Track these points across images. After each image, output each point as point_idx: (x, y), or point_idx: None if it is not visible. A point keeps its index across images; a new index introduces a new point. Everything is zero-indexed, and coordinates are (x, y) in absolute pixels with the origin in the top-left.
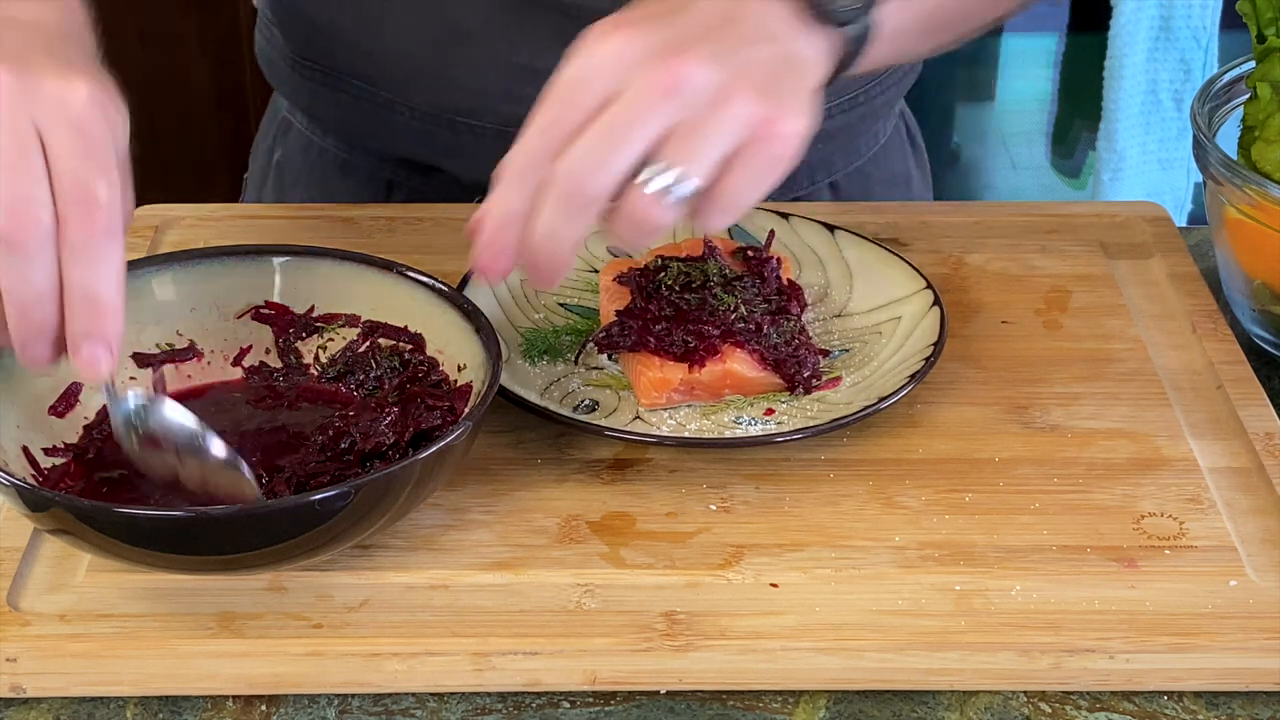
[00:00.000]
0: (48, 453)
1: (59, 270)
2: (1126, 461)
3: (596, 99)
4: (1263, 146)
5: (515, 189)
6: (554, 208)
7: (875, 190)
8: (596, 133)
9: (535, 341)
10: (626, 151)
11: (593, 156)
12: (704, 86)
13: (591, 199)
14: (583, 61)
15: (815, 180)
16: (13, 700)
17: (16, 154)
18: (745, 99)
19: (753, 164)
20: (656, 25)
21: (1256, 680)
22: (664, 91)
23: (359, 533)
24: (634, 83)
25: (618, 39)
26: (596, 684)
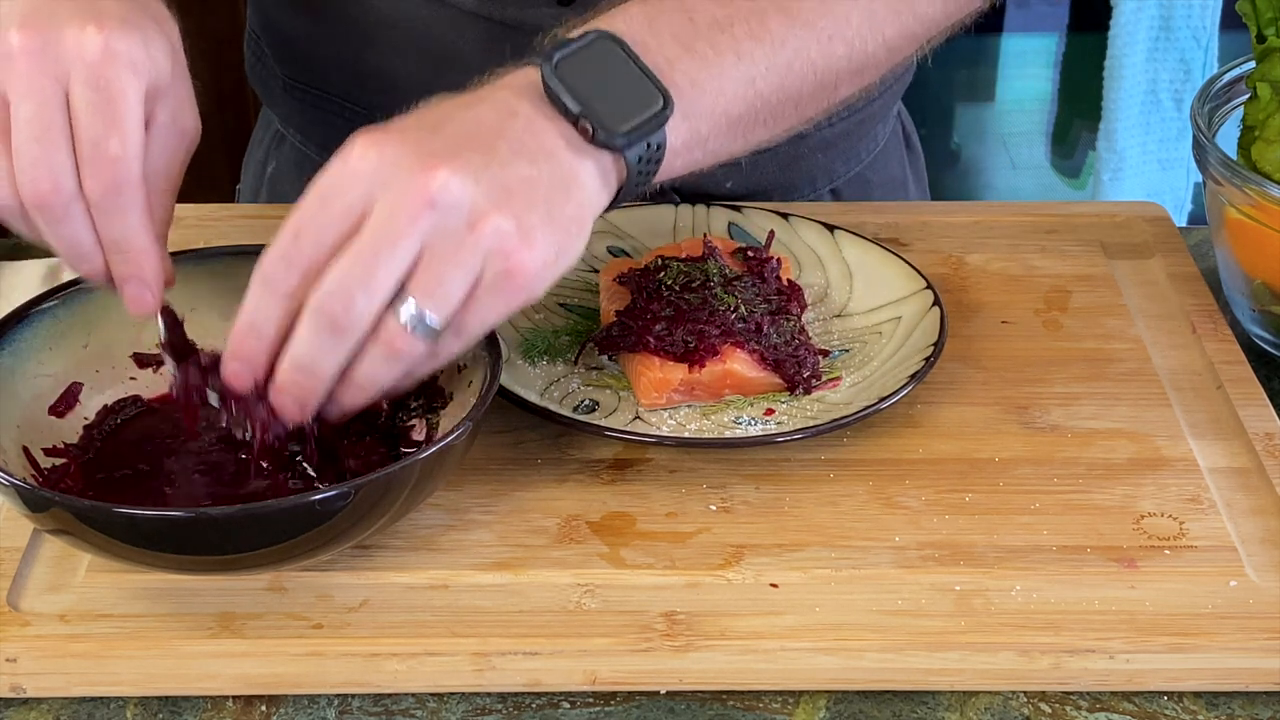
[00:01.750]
0: (48, 453)
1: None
2: (1126, 461)
3: (351, 209)
4: (1263, 146)
5: (265, 299)
6: (314, 332)
7: (875, 195)
8: (356, 254)
9: (535, 341)
10: (385, 276)
11: (352, 282)
12: (458, 203)
13: (353, 325)
14: (340, 167)
15: (817, 188)
16: (13, 700)
17: (38, 120)
18: (494, 221)
19: (491, 298)
20: (421, 134)
21: (1256, 680)
22: (418, 207)
23: (359, 533)
24: (390, 195)
25: (378, 147)
26: (596, 684)
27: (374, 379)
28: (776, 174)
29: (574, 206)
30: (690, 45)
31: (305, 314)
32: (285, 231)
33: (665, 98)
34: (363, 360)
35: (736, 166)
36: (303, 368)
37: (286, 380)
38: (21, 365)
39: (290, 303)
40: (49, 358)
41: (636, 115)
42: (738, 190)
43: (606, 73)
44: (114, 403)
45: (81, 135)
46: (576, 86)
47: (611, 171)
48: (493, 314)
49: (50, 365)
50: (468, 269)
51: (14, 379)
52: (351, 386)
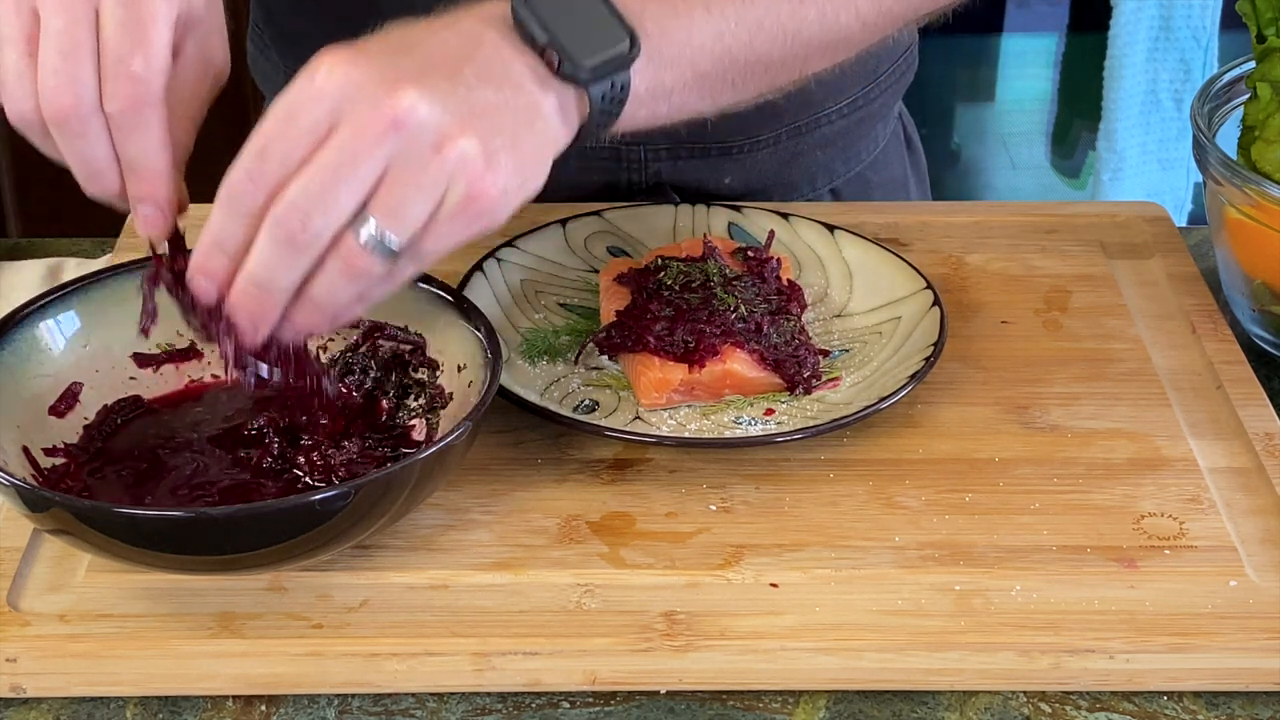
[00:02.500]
0: (48, 453)
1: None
2: (1126, 461)
3: (317, 126)
4: (1263, 146)
5: (229, 215)
6: (271, 246)
7: (875, 195)
8: (317, 170)
9: (535, 341)
10: (346, 194)
11: (312, 197)
12: (424, 124)
13: (310, 239)
14: (306, 84)
15: (817, 187)
16: (13, 700)
17: (66, 35)
18: (462, 144)
19: (452, 222)
20: (388, 56)
21: (1256, 680)
22: (383, 127)
23: (359, 533)
24: (355, 114)
25: (345, 66)
26: (596, 684)
27: (330, 298)
28: (776, 171)
29: (537, 137)
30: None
31: (264, 228)
32: (249, 148)
33: (632, 38)
34: (319, 278)
35: (736, 163)
36: (258, 281)
37: (242, 294)
38: (21, 365)
39: (253, 219)
40: (49, 358)
41: (603, 52)
42: (737, 187)
43: (576, 9)
44: (114, 403)
45: (107, 51)
46: (545, 18)
47: (574, 109)
48: (452, 238)
49: (50, 365)
50: (430, 191)
51: (14, 379)
52: (306, 304)
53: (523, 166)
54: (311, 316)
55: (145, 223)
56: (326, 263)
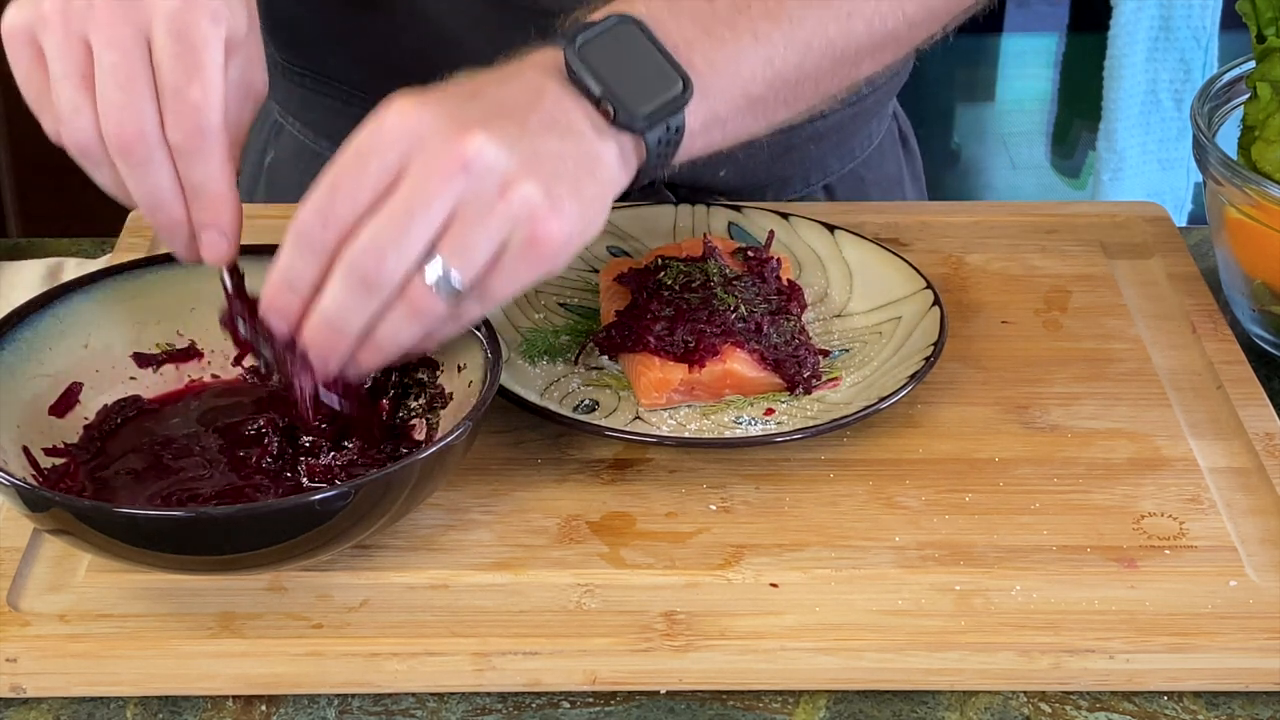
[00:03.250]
0: (48, 453)
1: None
2: (1126, 461)
3: (387, 169)
4: (1263, 146)
5: (300, 254)
6: (345, 288)
7: (871, 193)
8: (390, 213)
9: (535, 341)
10: (418, 236)
11: (386, 240)
12: (491, 167)
13: (384, 282)
14: (376, 128)
15: (810, 183)
16: (13, 700)
17: (123, 68)
18: (527, 188)
19: (516, 263)
20: (455, 102)
21: (1256, 680)
22: (453, 170)
23: (359, 533)
24: (425, 156)
25: (415, 109)
26: (596, 684)
27: (395, 338)
28: (769, 166)
29: (597, 184)
30: (708, 27)
31: (337, 270)
32: (321, 187)
33: (685, 81)
34: (386, 318)
35: (731, 158)
36: (331, 323)
37: (315, 334)
38: (21, 365)
39: (324, 258)
40: (49, 358)
41: (656, 98)
42: (732, 181)
43: (627, 56)
44: (114, 403)
45: (165, 82)
46: (599, 69)
47: (632, 153)
48: (516, 281)
49: (50, 365)
50: (496, 233)
51: (14, 379)
52: (371, 345)
53: (585, 212)
54: (376, 356)
55: (211, 248)
56: (394, 304)
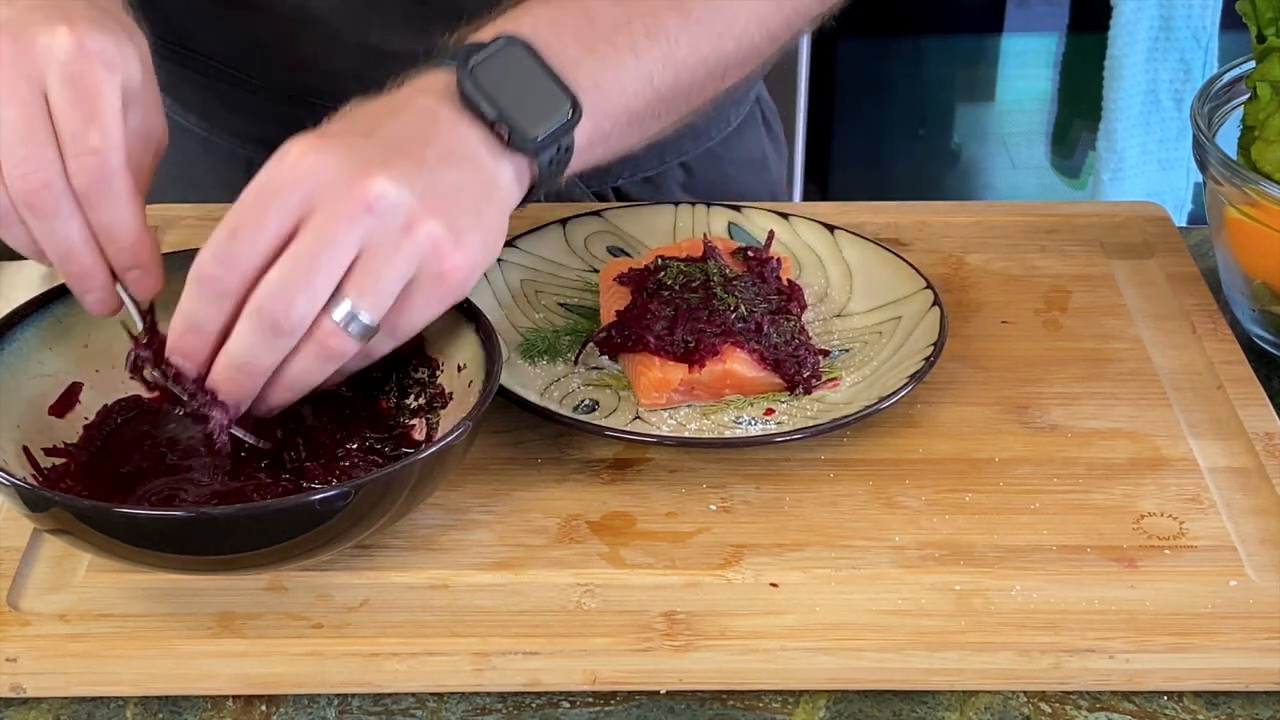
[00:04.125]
0: (48, 453)
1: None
2: (1126, 461)
3: (289, 213)
4: (1263, 146)
5: (201, 297)
6: (253, 332)
7: (729, 170)
8: (295, 259)
9: (535, 341)
10: (325, 278)
11: (294, 284)
12: (395, 207)
13: (293, 326)
14: (275, 172)
15: (665, 160)
16: (13, 700)
17: (21, 121)
18: (428, 225)
19: (424, 298)
20: (354, 141)
21: (1256, 680)
22: (357, 212)
23: (359, 533)
24: (328, 200)
25: (313, 153)
26: (596, 684)
27: (305, 378)
28: None
29: (495, 208)
30: (592, 46)
31: (245, 315)
32: (221, 231)
33: (574, 102)
34: (295, 359)
35: None
36: (240, 366)
37: (222, 378)
38: (21, 365)
39: (226, 302)
40: (49, 358)
41: (548, 121)
42: None
43: (518, 78)
44: (114, 403)
45: (63, 130)
46: (492, 92)
47: (525, 172)
48: (424, 314)
49: (50, 365)
50: (402, 270)
51: (14, 379)
52: (280, 385)
53: (486, 239)
54: (286, 394)
55: (138, 285)
56: (303, 345)
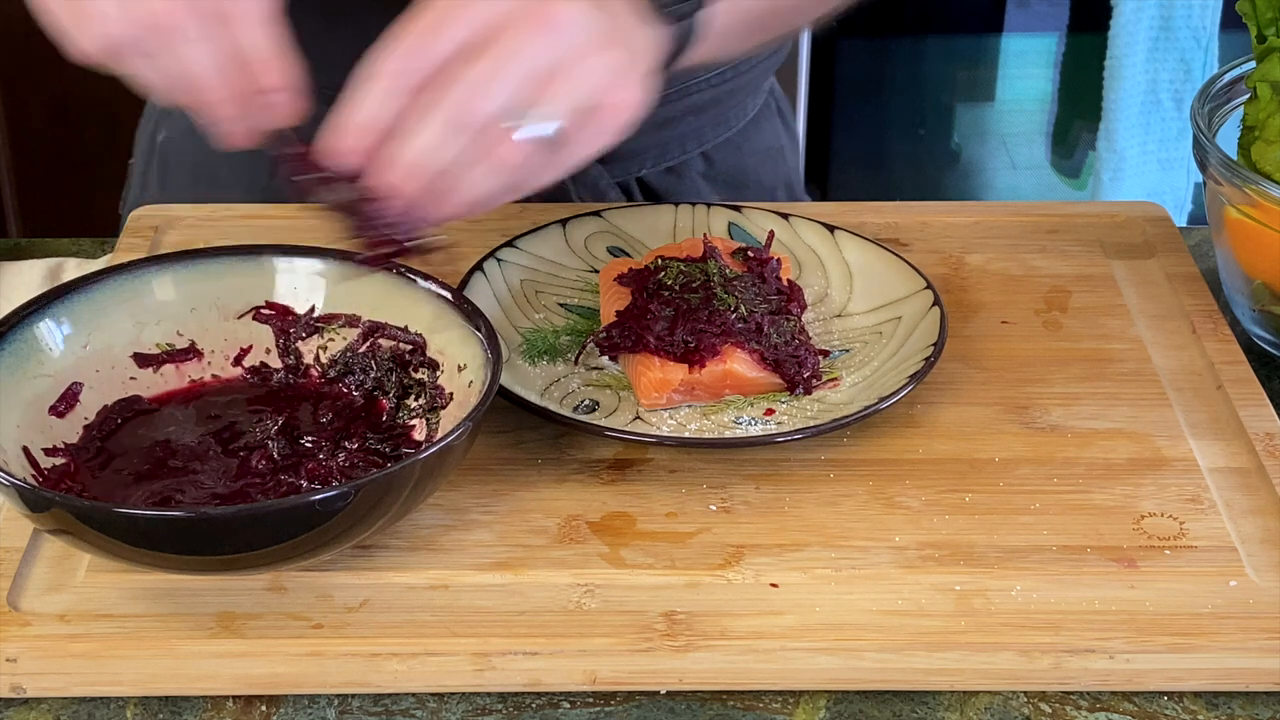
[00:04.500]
0: (48, 453)
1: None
2: (1126, 461)
3: (479, 20)
4: (1263, 146)
5: (389, 88)
6: (439, 127)
7: (749, 160)
8: (488, 60)
9: (535, 341)
10: (512, 84)
11: (484, 84)
12: (581, 30)
13: (478, 125)
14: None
15: (687, 150)
16: (13, 700)
17: None
18: (610, 55)
19: (595, 128)
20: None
21: (1256, 680)
22: (548, 29)
23: (359, 533)
24: (518, 15)
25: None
26: (596, 684)
27: (479, 187)
28: (650, 133)
29: (645, 63)
30: None
31: (432, 111)
32: (415, 31)
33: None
34: (473, 169)
35: None
36: (419, 165)
37: (400, 177)
38: (21, 365)
39: (408, 98)
40: (49, 358)
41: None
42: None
43: None
44: (114, 403)
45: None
46: None
47: (659, 44)
48: (591, 145)
49: (50, 365)
50: (580, 93)
51: (14, 379)
52: (455, 194)
53: (647, 89)
54: (458, 205)
55: (285, 108)
56: (481, 152)
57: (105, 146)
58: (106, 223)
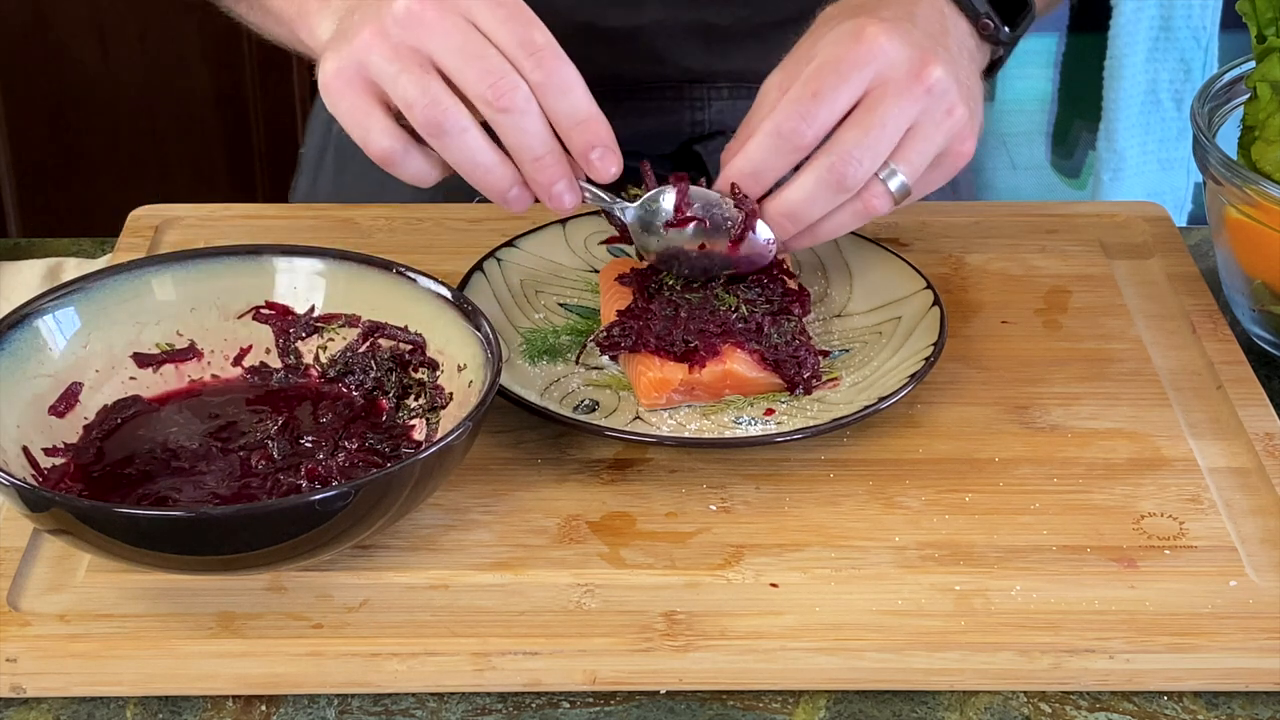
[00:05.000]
0: (48, 453)
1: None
2: (1126, 461)
3: (864, 83)
4: (1263, 146)
5: (776, 150)
6: (818, 185)
7: None
8: (866, 126)
9: (535, 341)
10: (888, 145)
11: (865, 146)
12: (945, 92)
13: (852, 184)
14: (856, 47)
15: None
16: (13, 700)
17: (469, 46)
18: (961, 110)
19: (940, 172)
20: (908, 28)
21: (1256, 680)
22: (919, 92)
23: (359, 533)
24: (898, 78)
25: (887, 36)
26: (596, 684)
27: (837, 230)
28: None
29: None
30: None
31: (812, 168)
32: (804, 93)
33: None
34: (837, 212)
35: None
36: (794, 213)
37: (775, 222)
38: (21, 365)
39: (795, 155)
40: (49, 358)
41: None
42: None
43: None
44: (114, 403)
45: (506, 41)
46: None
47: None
48: (932, 186)
49: (50, 365)
50: (937, 145)
51: (14, 379)
52: (812, 233)
53: (982, 123)
54: (812, 241)
55: (602, 164)
56: (848, 200)
57: (105, 146)
58: (106, 223)
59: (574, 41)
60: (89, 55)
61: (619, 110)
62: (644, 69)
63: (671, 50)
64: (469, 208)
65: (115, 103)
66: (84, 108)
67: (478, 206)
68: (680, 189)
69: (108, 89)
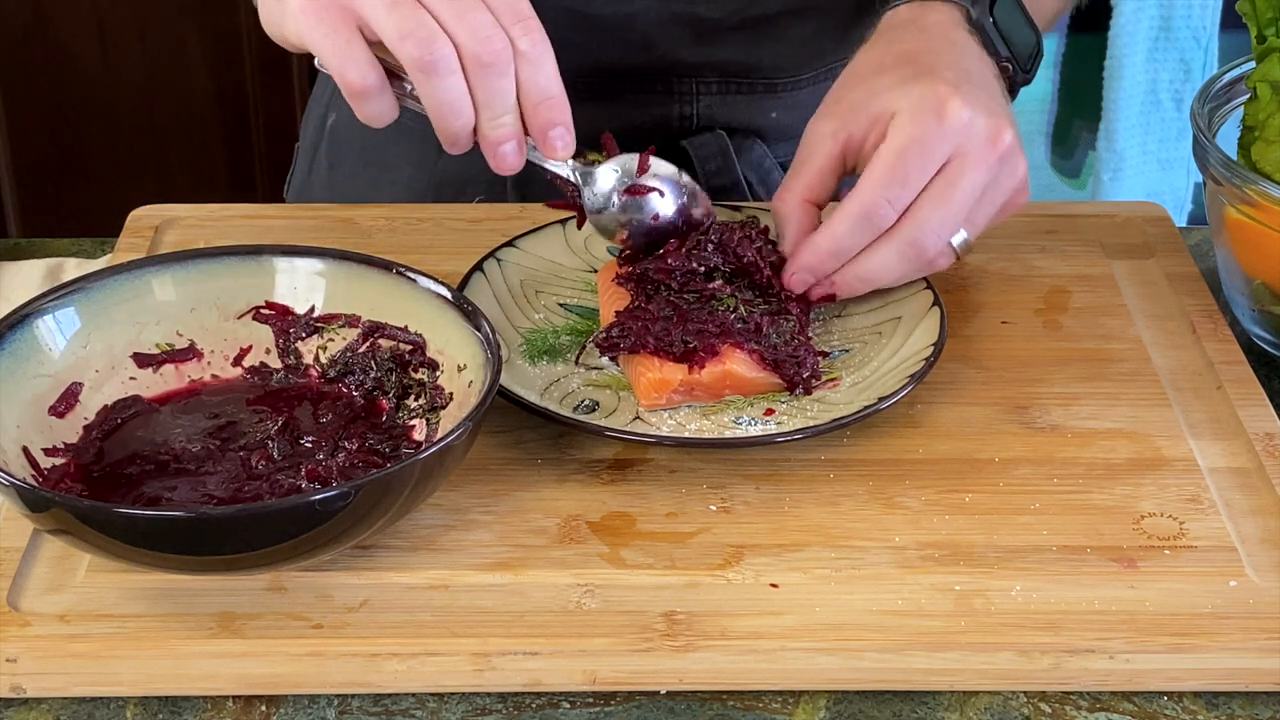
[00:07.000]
0: (48, 453)
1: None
2: (1126, 461)
3: (945, 158)
4: (1263, 146)
5: (859, 229)
6: (895, 257)
7: None
8: (945, 199)
9: (535, 341)
10: (961, 215)
11: (945, 222)
12: (1013, 153)
13: (930, 255)
14: (935, 121)
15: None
16: (13, 700)
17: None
18: (1022, 169)
19: (998, 219)
20: (974, 91)
21: (1256, 680)
22: (994, 162)
23: (359, 533)
24: (976, 151)
25: (964, 108)
26: (596, 684)
27: (896, 281)
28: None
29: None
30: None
31: (893, 242)
32: (889, 175)
33: (1038, 37)
34: (908, 274)
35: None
36: (870, 280)
37: (847, 286)
38: (21, 365)
39: (877, 234)
40: (49, 358)
41: (1033, 60)
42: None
43: (1010, 18)
44: (114, 403)
45: (497, 4)
46: (1004, 33)
47: None
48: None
49: (50, 365)
50: (1000, 204)
51: (14, 379)
52: (869, 284)
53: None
54: (863, 289)
55: (560, 142)
56: (921, 265)
57: (105, 146)
58: (106, 223)
59: (563, 28)
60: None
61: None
62: (633, 59)
63: (660, 41)
64: (469, 208)
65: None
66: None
67: (478, 207)
68: (645, 154)
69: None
